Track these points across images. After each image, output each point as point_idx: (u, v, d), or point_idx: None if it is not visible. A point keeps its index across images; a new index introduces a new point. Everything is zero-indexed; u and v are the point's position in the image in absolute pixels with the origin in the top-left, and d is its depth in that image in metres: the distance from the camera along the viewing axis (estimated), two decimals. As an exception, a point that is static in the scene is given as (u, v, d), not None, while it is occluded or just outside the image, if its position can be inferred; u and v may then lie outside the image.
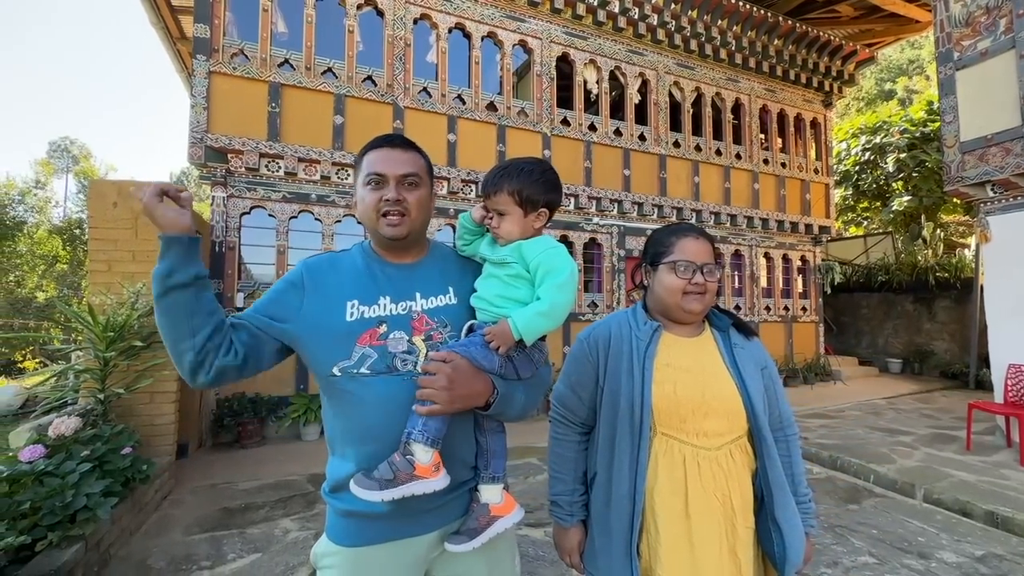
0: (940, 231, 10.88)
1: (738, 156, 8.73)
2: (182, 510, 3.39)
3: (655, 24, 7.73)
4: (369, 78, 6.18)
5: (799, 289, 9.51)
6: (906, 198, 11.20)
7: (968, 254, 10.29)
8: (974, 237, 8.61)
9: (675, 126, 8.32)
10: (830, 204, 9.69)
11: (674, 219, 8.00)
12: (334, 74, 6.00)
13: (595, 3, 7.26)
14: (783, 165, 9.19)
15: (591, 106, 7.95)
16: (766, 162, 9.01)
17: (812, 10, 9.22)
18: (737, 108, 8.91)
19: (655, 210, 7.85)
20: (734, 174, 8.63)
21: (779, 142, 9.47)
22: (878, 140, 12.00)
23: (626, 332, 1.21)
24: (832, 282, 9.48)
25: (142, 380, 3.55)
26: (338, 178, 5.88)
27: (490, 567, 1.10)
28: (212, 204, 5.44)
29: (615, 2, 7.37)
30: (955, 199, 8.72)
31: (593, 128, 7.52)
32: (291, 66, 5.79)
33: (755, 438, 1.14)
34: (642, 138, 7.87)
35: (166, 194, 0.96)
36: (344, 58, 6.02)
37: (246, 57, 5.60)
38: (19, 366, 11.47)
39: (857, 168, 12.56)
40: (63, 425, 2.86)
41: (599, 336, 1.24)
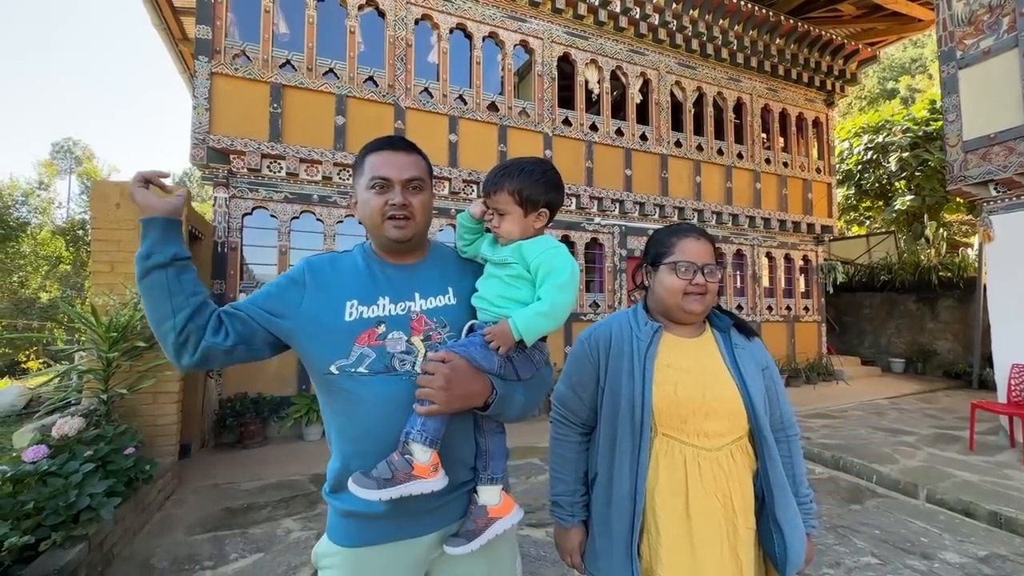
0: (943, 230, 10.84)
1: (740, 156, 8.71)
2: (185, 510, 3.40)
3: (656, 24, 7.73)
4: (371, 79, 6.18)
5: (801, 289, 9.49)
6: (909, 197, 11.17)
7: (971, 253, 10.24)
8: (977, 236, 8.57)
9: (677, 126, 8.31)
10: (832, 203, 9.66)
11: (676, 219, 7.99)
12: (335, 75, 6.01)
13: (596, 3, 7.26)
14: (785, 164, 9.17)
15: (592, 106, 7.94)
16: (768, 161, 8.99)
17: (814, 9, 9.20)
18: (739, 107, 8.89)
19: (657, 210, 7.85)
20: (736, 174, 8.62)
21: (781, 141, 9.45)
22: (881, 139, 11.97)
23: (627, 333, 1.21)
24: (834, 282, 9.45)
25: (145, 380, 3.57)
26: (340, 179, 5.89)
27: (490, 568, 1.10)
28: (214, 205, 5.46)
29: (616, 2, 7.37)
30: (958, 198, 8.68)
31: (595, 128, 7.51)
32: (293, 67, 5.81)
33: (756, 438, 1.14)
34: (643, 138, 7.86)
35: (150, 181, 1.02)
36: (345, 59, 6.03)
37: (248, 58, 5.61)
38: (23, 366, 11.52)
39: (859, 167, 12.54)
40: (66, 425, 2.87)
41: (600, 336, 1.24)
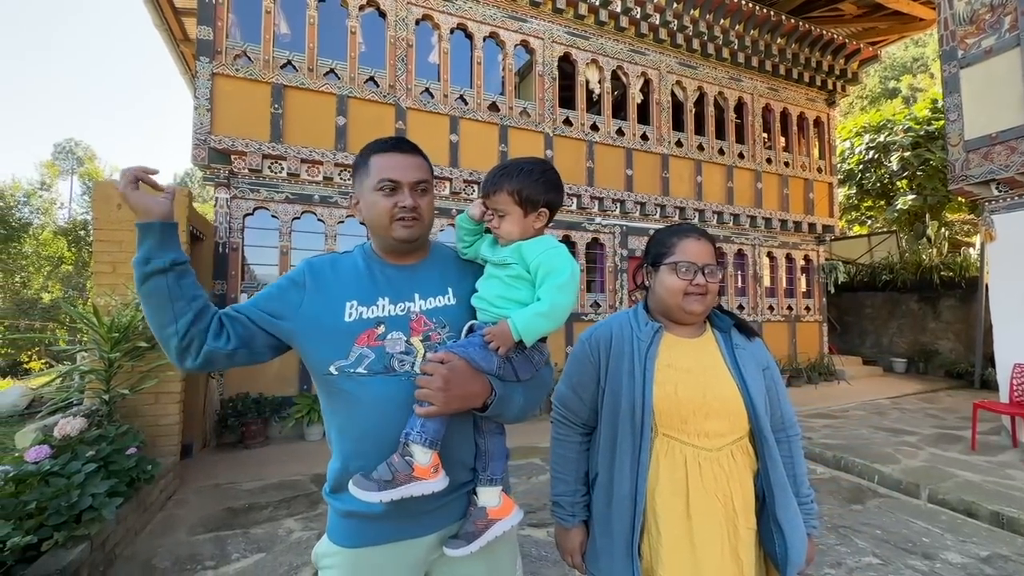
0: (945, 230, 10.82)
1: (741, 155, 8.70)
2: (186, 510, 3.41)
3: (657, 23, 7.72)
4: (371, 79, 6.19)
5: (803, 288, 9.48)
6: (910, 197, 11.14)
7: (973, 253, 10.23)
8: (979, 236, 8.56)
9: (677, 125, 8.30)
10: (834, 203, 9.65)
11: (677, 219, 7.99)
12: (336, 75, 6.02)
13: (597, 3, 7.25)
14: (786, 164, 9.16)
15: (593, 106, 7.94)
16: (769, 161, 8.98)
17: (815, 8, 9.19)
18: (740, 107, 8.88)
19: (658, 210, 7.84)
20: (737, 173, 8.61)
21: (782, 141, 9.44)
22: (882, 139, 11.94)
23: (627, 333, 1.21)
24: (836, 281, 9.44)
25: (147, 381, 3.58)
26: (341, 179, 5.89)
27: (490, 569, 1.10)
28: (215, 205, 5.47)
29: (617, 2, 7.36)
30: (960, 198, 8.66)
31: (595, 128, 7.51)
32: (294, 67, 5.81)
33: (756, 439, 1.14)
34: (644, 138, 7.86)
35: (140, 180, 0.98)
36: (346, 59, 6.04)
37: (249, 59, 5.62)
38: (25, 367, 11.55)
39: (861, 167, 12.51)
40: (68, 426, 2.88)
41: (600, 337, 1.24)
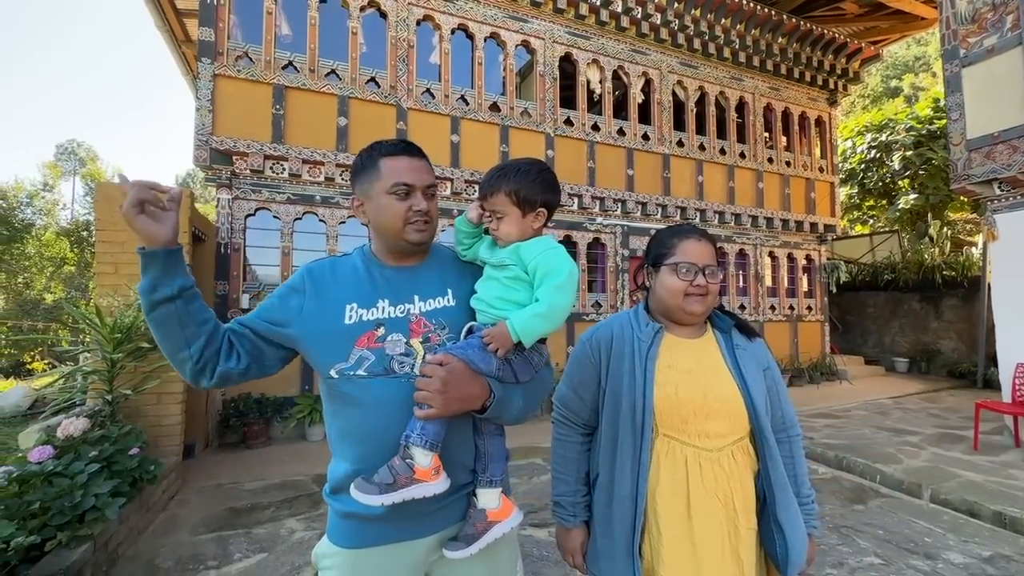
0: (947, 229, 10.79)
1: (742, 155, 8.69)
2: (189, 510, 3.42)
3: (658, 23, 7.72)
4: (373, 80, 6.20)
5: (804, 288, 9.46)
6: (912, 196, 11.11)
7: (975, 252, 10.19)
8: (981, 235, 8.54)
9: (679, 125, 8.30)
10: (835, 202, 9.63)
11: (678, 218, 7.99)
12: (338, 76, 6.02)
13: (598, 3, 7.25)
14: (788, 164, 9.15)
15: (594, 106, 7.94)
16: (770, 161, 8.96)
17: (816, 8, 9.17)
18: (741, 107, 8.88)
19: (659, 210, 7.84)
20: (738, 173, 8.60)
21: (784, 140, 9.42)
22: (884, 138, 11.92)
23: (628, 333, 1.21)
24: (838, 281, 9.43)
25: (149, 381, 3.59)
26: (342, 179, 5.90)
27: (490, 571, 1.10)
28: (217, 206, 5.48)
29: (618, 2, 7.36)
30: (962, 197, 8.65)
31: (596, 128, 7.51)
32: (295, 68, 5.82)
33: (757, 439, 1.14)
34: (645, 137, 7.85)
35: (146, 203, 0.91)
36: (348, 60, 6.04)
37: (250, 60, 5.64)
38: (28, 367, 11.59)
39: (863, 166, 12.48)
40: (72, 426, 2.89)
41: (601, 337, 1.24)
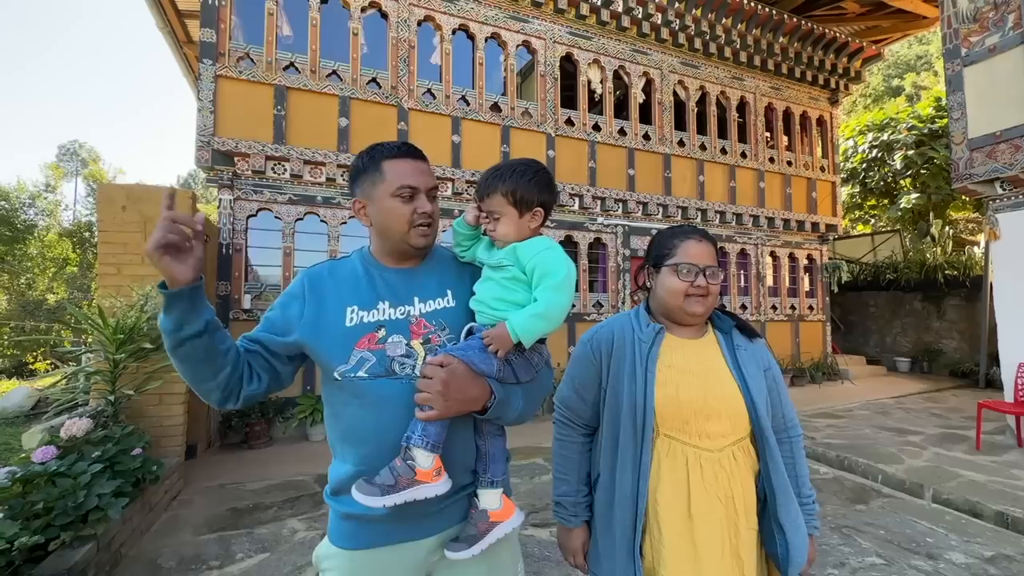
0: (949, 228, 10.77)
1: (743, 155, 8.68)
2: (191, 510, 3.43)
3: (659, 23, 7.71)
4: (374, 80, 6.20)
5: (806, 288, 9.45)
6: (914, 195, 11.10)
7: (978, 251, 10.17)
8: (983, 234, 8.52)
9: (680, 125, 8.29)
10: (837, 202, 9.62)
11: (679, 218, 7.98)
12: (339, 76, 6.03)
13: (598, 3, 7.25)
14: (789, 163, 9.14)
15: (595, 106, 7.94)
16: (772, 160, 8.95)
17: (818, 7, 9.15)
18: (742, 106, 8.87)
19: (660, 209, 7.83)
20: (739, 173, 8.59)
21: (785, 140, 9.41)
22: (886, 137, 11.89)
23: (628, 334, 1.22)
24: (839, 281, 9.40)
25: (151, 382, 3.60)
26: (343, 180, 5.90)
27: (491, 572, 1.10)
28: (219, 207, 5.49)
29: (619, 1, 7.35)
30: (964, 196, 8.63)
31: (597, 128, 7.51)
32: (296, 69, 5.83)
33: (758, 439, 1.15)
34: (646, 137, 7.85)
35: (170, 246, 0.87)
36: (349, 60, 6.05)
37: (252, 61, 5.65)
38: (31, 368, 11.62)
39: (864, 165, 12.46)
40: (75, 426, 2.90)
41: (602, 338, 1.24)
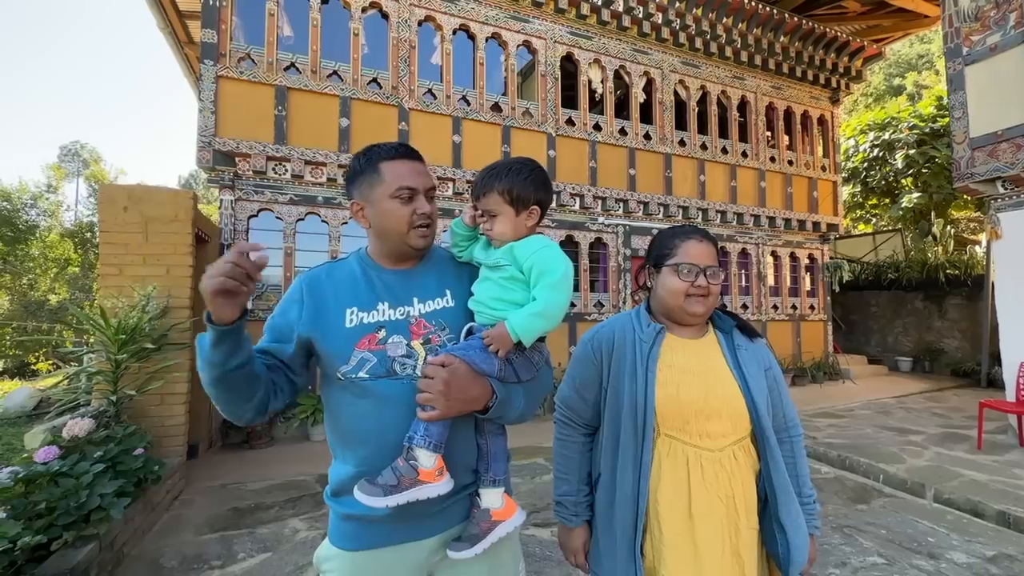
0: (950, 228, 10.76)
1: (744, 154, 8.68)
2: (193, 510, 3.43)
3: (660, 23, 7.71)
4: (374, 80, 6.21)
5: (807, 287, 9.44)
6: (916, 195, 11.08)
7: (979, 251, 10.16)
8: (985, 234, 8.51)
9: (680, 125, 8.28)
10: (838, 201, 9.61)
11: (680, 218, 7.98)
12: (339, 77, 6.04)
13: (599, 2, 7.25)
14: (790, 163, 9.13)
15: (596, 106, 7.94)
16: (773, 160, 8.94)
17: (818, 6, 9.14)
18: (743, 106, 8.86)
19: (660, 209, 7.83)
20: (740, 172, 8.58)
21: (786, 139, 9.40)
22: (887, 136, 11.88)
23: (629, 334, 1.22)
24: (840, 280, 9.39)
25: (153, 382, 3.61)
26: (344, 180, 5.90)
27: (492, 571, 1.10)
28: (220, 207, 5.50)
29: (619, 1, 7.35)
30: (965, 195, 8.61)
31: (598, 128, 7.51)
32: (297, 69, 5.84)
33: (758, 439, 1.15)
34: (647, 137, 7.85)
35: (228, 290, 0.86)
36: (349, 61, 6.05)
37: (253, 61, 5.65)
38: (33, 368, 11.65)
39: (865, 165, 12.45)
40: (77, 426, 2.91)
41: (602, 338, 1.25)
